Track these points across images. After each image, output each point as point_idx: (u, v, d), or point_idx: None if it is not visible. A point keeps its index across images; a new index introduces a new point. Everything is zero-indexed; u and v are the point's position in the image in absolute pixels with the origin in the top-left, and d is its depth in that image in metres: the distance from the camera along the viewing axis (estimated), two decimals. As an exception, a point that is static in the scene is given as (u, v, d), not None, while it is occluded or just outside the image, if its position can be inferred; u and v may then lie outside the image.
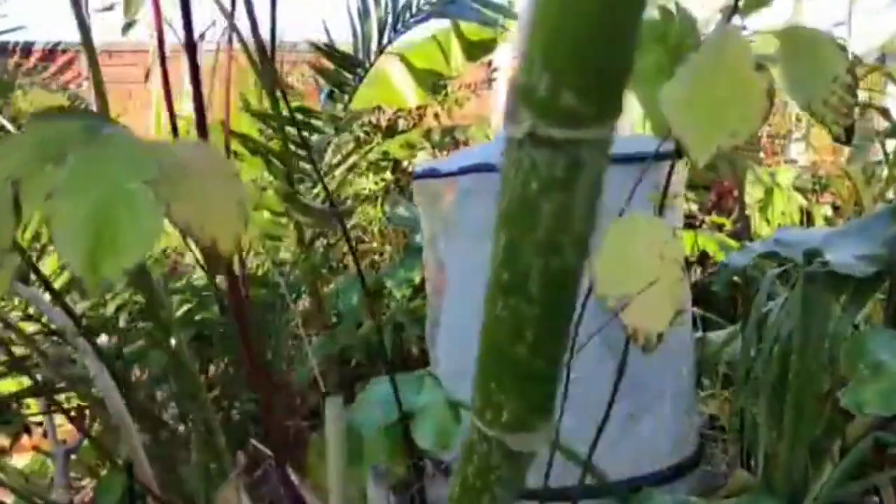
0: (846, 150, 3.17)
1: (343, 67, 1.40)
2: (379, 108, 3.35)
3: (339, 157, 1.59)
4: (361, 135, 3.42)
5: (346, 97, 1.45)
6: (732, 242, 3.00)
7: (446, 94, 3.27)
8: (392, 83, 3.08)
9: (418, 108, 3.32)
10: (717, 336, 1.78)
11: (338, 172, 1.61)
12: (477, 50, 3.14)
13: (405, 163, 3.25)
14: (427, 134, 3.23)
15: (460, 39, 3.08)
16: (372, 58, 1.40)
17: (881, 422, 1.18)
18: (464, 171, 1.27)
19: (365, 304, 2.81)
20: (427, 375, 1.13)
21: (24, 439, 1.84)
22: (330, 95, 1.48)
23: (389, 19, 1.34)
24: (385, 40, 1.38)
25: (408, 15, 1.35)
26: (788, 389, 1.38)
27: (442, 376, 1.48)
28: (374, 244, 3.30)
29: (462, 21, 1.26)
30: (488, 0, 1.25)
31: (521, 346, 0.22)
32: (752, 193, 2.89)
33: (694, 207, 3.76)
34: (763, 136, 4.01)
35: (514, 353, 0.22)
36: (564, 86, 0.16)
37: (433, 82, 3.18)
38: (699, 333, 2.02)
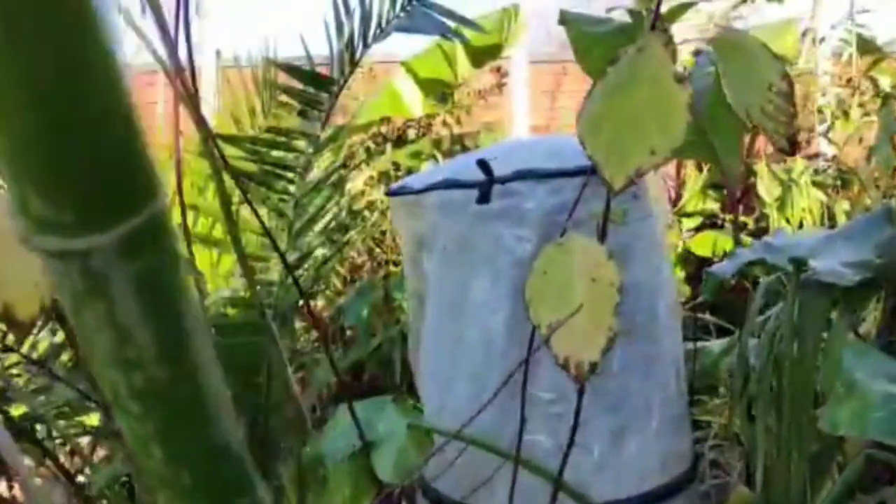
0: (871, 143, 3.05)
1: (314, 85, 1.39)
2: (388, 118, 3.35)
3: (322, 174, 1.58)
4: (372, 145, 3.42)
5: (323, 115, 1.43)
6: (749, 242, 2.91)
7: (453, 102, 3.24)
8: (398, 94, 3.08)
9: (427, 116, 3.31)
10: (719, 344, 1.72)
11: (322, 191, 1.59)
12: (482, 56, 3.12)
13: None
14: (437, 143, 3.21)
15: (465, 46, 3.06)
16: (345, 74, 1.38)
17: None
18: (433, 187, 1.24)
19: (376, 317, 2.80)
20: (392, 400, 1.10)
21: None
22: (301, 114, 1.47)
23: (357, 34, 1.32)
24: (357, 55, 1.36)
25: (378, 31, 1.33)
26: (784, 403, 1.32)
27: (426, 396, 1.46)
28: (389, 255, 3.29)
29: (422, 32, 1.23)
30: (453, 12, 1.21)
31: (155, 462, 0.19)
32: (770, 191, 2.81)
33: (715, 206, 3.68)
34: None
35: (152, 467, 0.19)
36: (30, 193, 0.13)
37: (440, 91, 3.16)
38: (711, 341, 1.96)
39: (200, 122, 0.75)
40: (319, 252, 2.05)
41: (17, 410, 1.68)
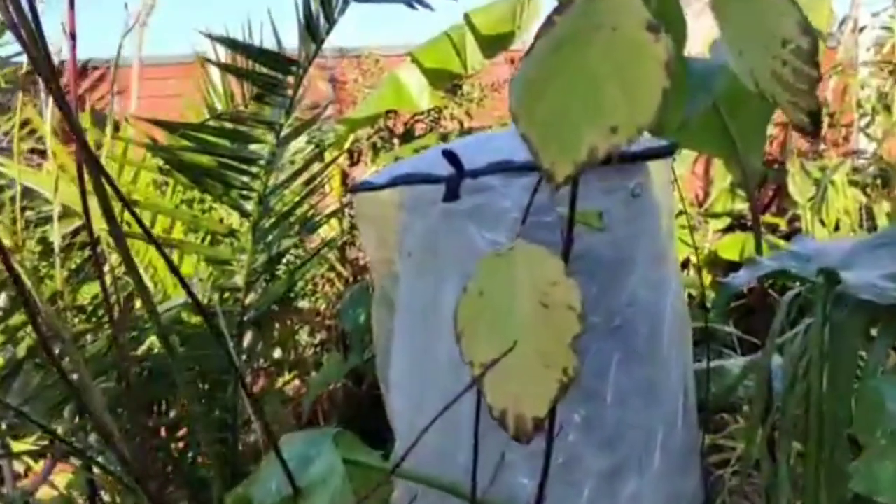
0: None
1: (273, 68, 1.22)
2: (395, 112, 3.17)
3: (291, 170, 1.40)
4: (378, 141, 3.25)
5: (288, 102, 1.26)
6: (786, 245, 2.69)
7: (463, 95, 3.06)
8: (403, 85, 2.90)
9: (436, 110, 3.13)
10: (741, 363, 1.52)
11: (293, 188, 1.42)
12: (494, 45, 2.92)
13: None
14: (444, 137, 3.03)
15: (475, 35, 2.87)
16: (310, 55, 1.21)
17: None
18: (397, 182, 1.07)
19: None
20: (333, 435, 0.93)
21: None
22: (258, 99, 1.29)
23: (317, 10, 1.15)
24: (322, 32, 1.19)
25: (343, 5, 1.16)
26: (811, 441, 1.12)
27: (396, 417, 1.29)
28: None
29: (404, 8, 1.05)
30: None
31: None
32: (803, 191, 2.58)
33: (745, 207, 3.45)
34: (824, 124, 3.65)
35: None
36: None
37: (448, 82, 2.98)
38: (733, 359, 1.75)
39: (67, 114, 0.59)
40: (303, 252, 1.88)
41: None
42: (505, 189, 0.97)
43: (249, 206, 1.37)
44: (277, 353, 3.09)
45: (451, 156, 0.99)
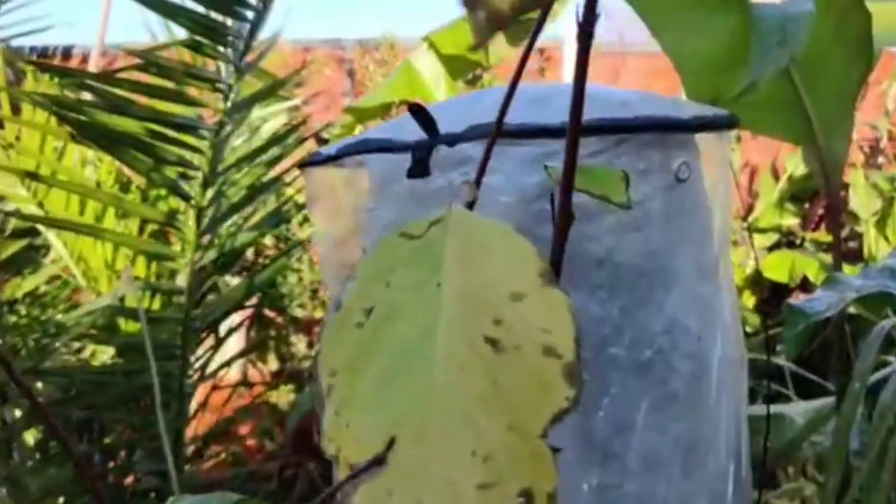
0: None
1: (215, 7, 0.94)
2: (408, 103, 2.92)
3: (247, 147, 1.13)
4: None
5: (240, 56, 0.99)
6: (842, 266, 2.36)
7: (484, 86, 2.79)
8: (418, 74, 2.64)
9: (455, 102, 2.86)
10: (804, 410, 1.20)
11: (247, 170, 1.14)
12: (520, 32, 2.65)
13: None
14: (462, 133, 2.75)
15: (500, 20, 2.60)
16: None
17: None
18: (350, 150, 0.79)
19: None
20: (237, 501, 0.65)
21: None
22: (193, 48, 1.02)
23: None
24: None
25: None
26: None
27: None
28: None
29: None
30: None
31: None
32: (867, 205, 2.25)
33: (794, 222, 3.14)
34: (883, 136, 3.34)
35: None
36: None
37: (468, 71, 2.71)
38: (790, 404, 1.44)
39: None
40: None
41: None
42: (492, 162, 0.68)
43: (192, 188, 1.10)
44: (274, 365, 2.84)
45: (421, 114, 0.71)
